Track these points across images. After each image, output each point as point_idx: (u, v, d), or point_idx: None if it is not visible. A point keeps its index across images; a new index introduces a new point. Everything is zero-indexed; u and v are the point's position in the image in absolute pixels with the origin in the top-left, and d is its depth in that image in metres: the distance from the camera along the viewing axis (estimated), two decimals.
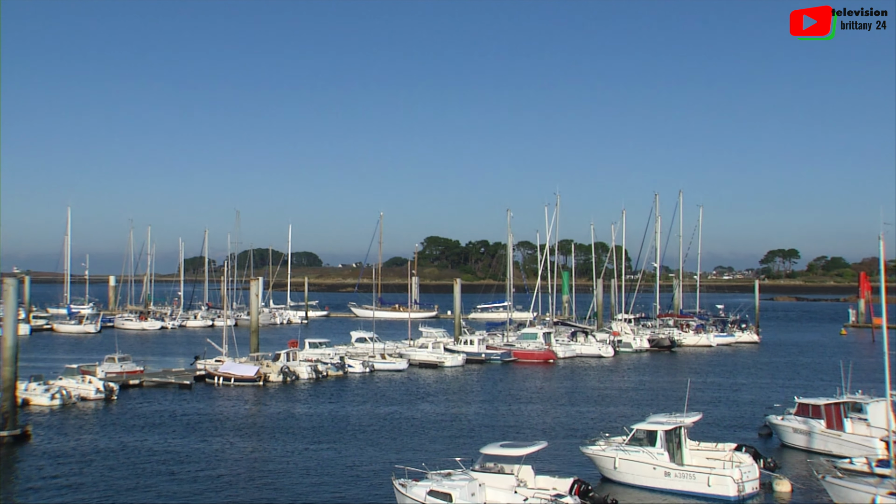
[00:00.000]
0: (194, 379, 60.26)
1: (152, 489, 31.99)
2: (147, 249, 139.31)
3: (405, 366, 70.96)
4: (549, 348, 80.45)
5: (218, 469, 35.22)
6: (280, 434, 42.72)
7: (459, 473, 28.02)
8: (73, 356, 73.65)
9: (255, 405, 52.37)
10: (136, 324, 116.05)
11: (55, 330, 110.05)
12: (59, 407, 49.16)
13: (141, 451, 38.28)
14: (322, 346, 73.66)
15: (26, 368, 51.28)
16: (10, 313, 43.29)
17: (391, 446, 39.77)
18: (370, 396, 56.02)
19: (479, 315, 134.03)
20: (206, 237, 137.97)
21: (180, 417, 47.19)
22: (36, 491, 31.87)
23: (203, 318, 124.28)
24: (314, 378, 62.89)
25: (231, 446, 39.95)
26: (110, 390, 52.60)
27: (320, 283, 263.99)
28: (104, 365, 59.48)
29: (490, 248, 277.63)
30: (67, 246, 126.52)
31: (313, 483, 32.98)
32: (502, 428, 44.66)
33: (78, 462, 36.22)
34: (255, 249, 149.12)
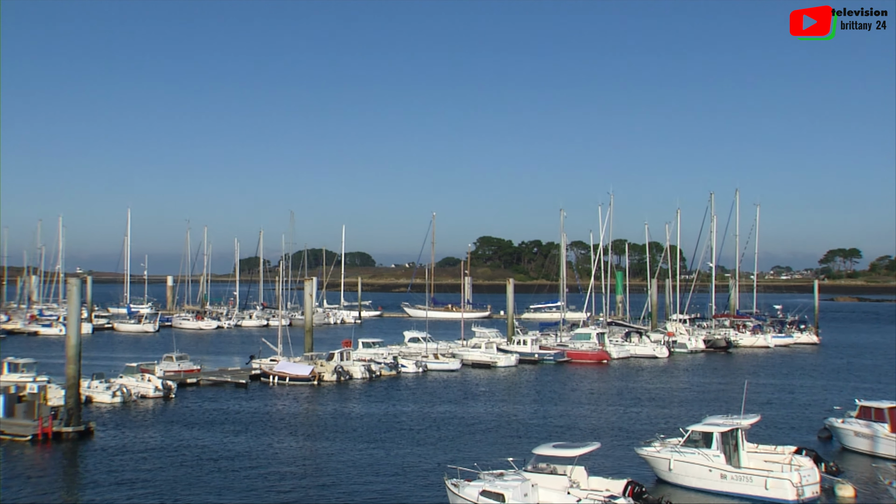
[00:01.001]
0: (250, 378, 61.04)
1: (208, 485, 32.50)
2: (203, 250, 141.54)
3: (458, 366, 71.01)
4: (603, 349, 79.82)
5: (272, 467, 35.64)
6: (333, 433, 43.07)
7: (512, 474, 27.95)
8: (132, 355, 75.13)
9: (309, 404, 52.88)
10: (192, 323, 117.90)
11: (116, 329, 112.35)
12: (119, 404, 50.18)
13: (198, 449, 38.90)
14: (375, 345, 74.04)
15: (89, 367, 52.38)
16: (74, 313, 44.37)
17: (443, 446, 39.84)
18: (423, 396, 56.18)
19: (532, 315, 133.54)
20: (261, 238, 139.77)
21: (236, 416, 47.85)
22: (99, 485, 32.61)
23: (258, 317, 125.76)
24: (367, 378, 63.27)
25: (285, 445, 40.40)
26: (169, 389, 53.55)
27: (373, 283, 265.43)
28: (163, 364, 60.52)
29: (543, 248, 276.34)
30: (127, 247, 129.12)
31: (366, 482, 33.17)
32: (555, 428, 44.44)
33: (138, 458, 36.96)
34: (309, 250, 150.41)
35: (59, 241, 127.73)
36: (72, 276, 48.59)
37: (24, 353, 70.38)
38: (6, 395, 42.64)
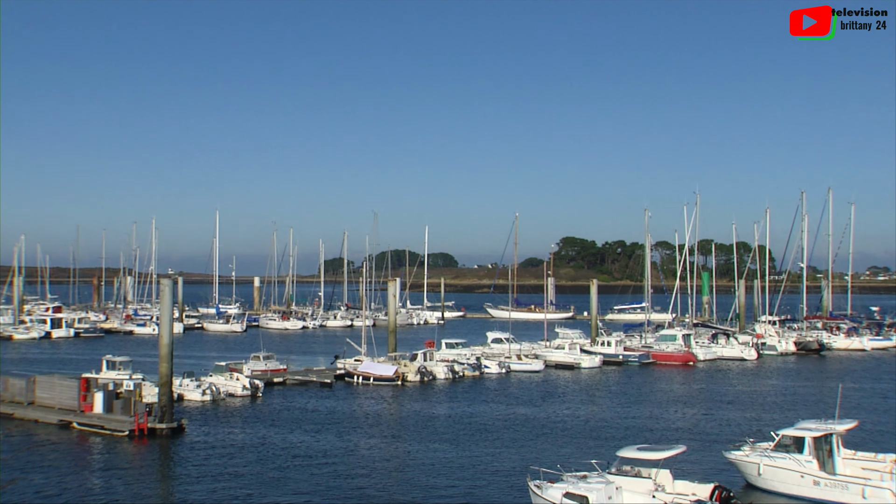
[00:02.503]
0: (334, 378, 61.88)
1: (293, 483, 33.08)
2: (289, 251, 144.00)
3: (541, 367, 70.66)
4: (689, 350, 78.37)
5: (355, 466, 36.06)
6: (417, 433, 43.34)
7: (595, 476, 27.67)
8: (221, 354, 77.00)
9: (393, 404, 53.33)
10: (279, 323, 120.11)
11: (205, 329, 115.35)
12: (209, 402, 51.48)
13: (283, 447, 39.65)
14: (458, 346, 74.21)
15: (180, 365, 53.89)
16: (166, 313, 45.75)
17: (526, 447, 39.68)
18: (506, 397, 56.08)
19: (616, 316, 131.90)
20: (345, 239, 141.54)
21: (321, 415, 48.58)
22: (190, 480, 33.55)
23: (342, 318, 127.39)
24: (451, 378, 63.47)
25: (369, 444, 40.84)
26: (256, 387, 54.69)
27: (456, 284, 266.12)
28: (250, 363, 61.80)
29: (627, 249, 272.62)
30: (216, 249, 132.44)
31: (449, 482, 33.28)
32: (639, 431, 43.82)
33: (226, 454, 37.87)
34: (393, 251, 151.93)
35: (153, 243, 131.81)
36: (164, 277, 50.05)
37: (121, 351, 72.80)
38: (105, 391, 44.33)
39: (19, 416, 45.16)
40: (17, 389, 46.91)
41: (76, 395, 44.19)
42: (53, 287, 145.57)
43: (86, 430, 42.49)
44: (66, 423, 43.42)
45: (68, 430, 42.76)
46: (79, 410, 43.87)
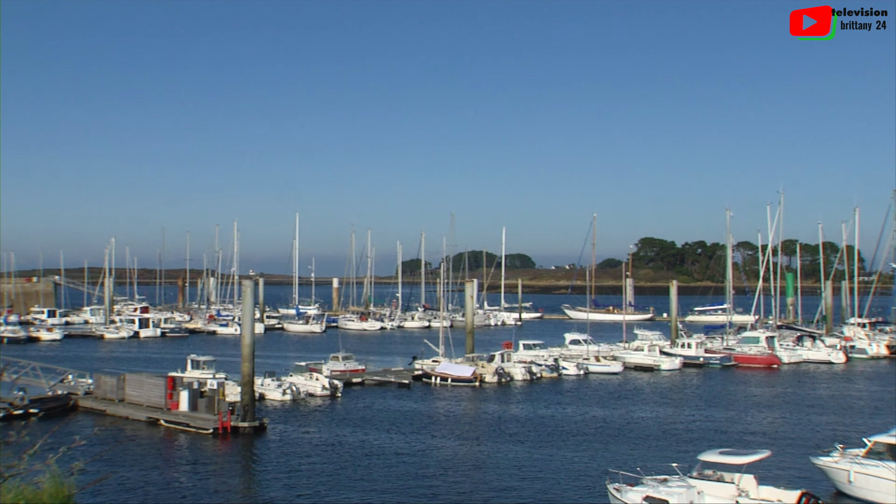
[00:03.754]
0: (412, 378, 62.23)
1: (371, 481, 33.40)
2: (367, 252, 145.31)
3: (620, 368, 69.85)
4: (773, 353, 76.43)
5: (433, 466, 36.21)
6: (494, 434, 43.29)
7: (676, 480, 27.21)
8: (301, 354, 78.14)
9: (470, 405, 53.39)
10: (357, 324, 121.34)
11: (285, 329, 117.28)
12: (289, 402, 52.30)
13: (362, 447, 40.04)
14: (536, 347, 73.89)
15: (261, 365, 54.89)
16: (248, 313, 46.71)
17: (605, 450, 39.26)
18: (584, 399, 55.60)
19: (697, 318, 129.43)
20: (422, 240, 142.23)
21: (399, 415, 48.91)
22: (272, 478, 34.18)
23: (420, 318, 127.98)
24: (528, 379, 63.23)
25: (447, 445, 40.96)
26: (335, 388, 55.37)
27: (533, 285, 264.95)
28: (329, 363, 62.60)
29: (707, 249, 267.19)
30: (296, 250, 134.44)
31: (527, 484, 33.15)
32: (721, 434, 42.93)
33: (307, 453, 38.45)
34: (470, 252, 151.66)
35: (235, 245, 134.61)
36: (245, 279, 51.19)
37: (205, 350, 74.54)
38: (190, 390, 45.50)
39: (111, 413, 46.69)
40: (108, 387, 48.52)
41: (163, 394, 45.48)
42: (141, 288, 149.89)
43: (172, 427, 43.67)
44: (153, 420, 44.72)
45: (156, 427, 44.01)
46: (166, 408, 45.13)
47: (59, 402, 47.46)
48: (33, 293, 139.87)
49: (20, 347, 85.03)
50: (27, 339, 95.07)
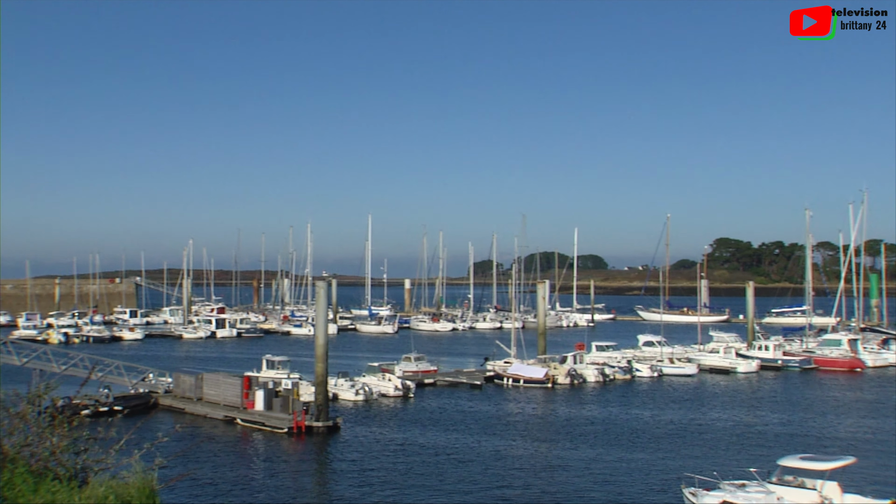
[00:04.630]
0: (484, 379, 62.21)
1: (443, 481, 33.49)
2: (439, 254, 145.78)
3: (695, 371, 68.69)
4: (856, 356, 74.18)
5: (505, 467, 36.12)
6: (567, 436, 43.01)
7: (754, 485, 26.62)
8: (373, 355, 78.78)
9: (543, 406, 53.14)
10: (429, 325, 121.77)
11: (358, 330, 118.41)
12: (362, 402, 52.80)
13: (434, 447, 40.18)
14: (609, 349, 73.17)
15: (334, 365, 55.53)
16: (321, 314, 47.32)
17: (680, 453, 38.64)
18: (658, 401, 54.81)
19: (775, 319, 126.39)
20: (493, 241, 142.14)
21: (471, 416, 48.93)
22: (345, 477, 34.56)
23: (492, 320, 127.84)
24: (601, 381, 62.64)
25: (519, 445, 40.83)
26: (407, 388, 55.68)
27: (606, 286, 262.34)
28: (401, 364, 62.95)
29: (785, 250, 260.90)
30: (368, 251, 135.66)
31: (599, 485, 32.83)
32: (801, 439, 41.85)
33: (380, 453, 38.76)
34: (541, 253, 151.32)
35: (308, 247, 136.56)
36: (319, 280, 51.81)
37: (279, 351, 75.73)
38: (265, 389, 46.28)
39: (189, 412, 47.80)
40: (187, 386, 49.69)
41: (239, 393, 46.35)
42: (217, 289, 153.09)
43: (248, 426, 44.49)
44: (230, 418, 45.63)
45: (232, 426, 44.90)
46: (242, 407, 45.99)
47: (141, 399, 48.83)
48: (116, 294, 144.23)
49: (104, 346, 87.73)
50: (111, 338, 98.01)
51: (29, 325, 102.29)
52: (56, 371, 47.35)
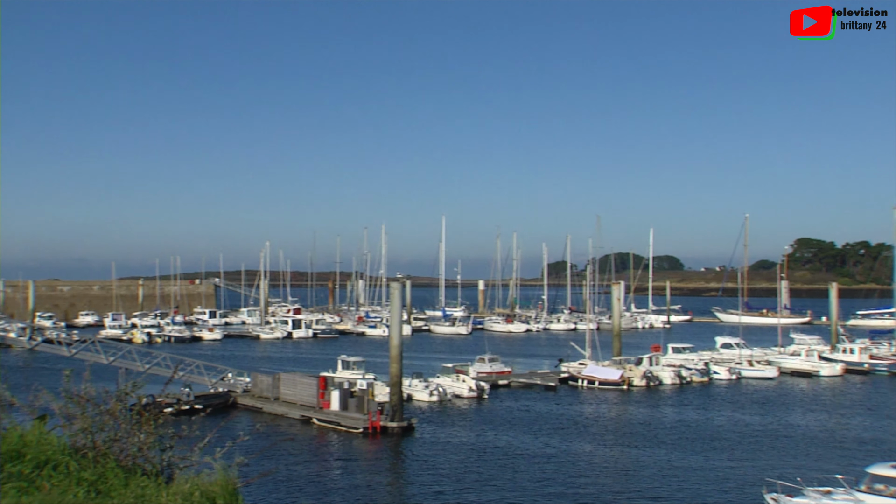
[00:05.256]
0: (559, 381, 61.82)
1: (516, 483, 33.37)
2: (513, 255, 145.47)
3: (775, 374, 67.06)
4: None
5: (579, 469, 35.82)
6: (643, 439, 42.43)
7: (841, 493, 25.85)
8: (447, 356, 78.94)
9: (618, 409, 52.54)
10: (502, 326, 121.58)
11: (432, 331, 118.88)
12: (436, 403, 52.96)
13: (508, 449, 40.08)
14: (686, 351, 72.02)
15: (409, 366, 55.82)
16: (396, 315, 47.66)
17: (760, 457, 37.74)
18: (736, 404, 53.67)
19: (860, 322, 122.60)
20: (567, 242, 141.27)
21: (545, 418, 48.66)
22: (420, 477, 34.74)
23: (566, 321, 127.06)
24: (678, 383, 61.65)
25: (593, 448, 40.44)
26: (481, 389, 55.64)
27: (682, 287, 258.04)
28: (475, 365, 62.94)
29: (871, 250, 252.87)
30: (442, 252, 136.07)
31: (676, 490, 32.29)
32: (890, 446, 40.41)
33: (454, 454, 38.82)
34: (616, 253, 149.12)
35: (382, 248, 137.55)
36: (393, 281, 52.17)
37: (354, 351, 76.51)
38: (341, 390, 46.80)
39: (267, 411, 48.63)
40: (264, 386, 50.56)
41: (315, 393, 46.96)
42: (293, 290, 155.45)
43: (324, 425, 45.04)
44: (306, 418, 46.27)
45: (309, 426, 45.51)
46: (318, 407, 46.59)
47: (220, 398, 49.88)
48: (196, 295, 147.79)
49: (185, 346, 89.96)
50: (191, 338, 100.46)
51: (115, 325, 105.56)
52: (140, 370, 48.74)
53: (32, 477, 5.86)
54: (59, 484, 5.78)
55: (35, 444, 6.47)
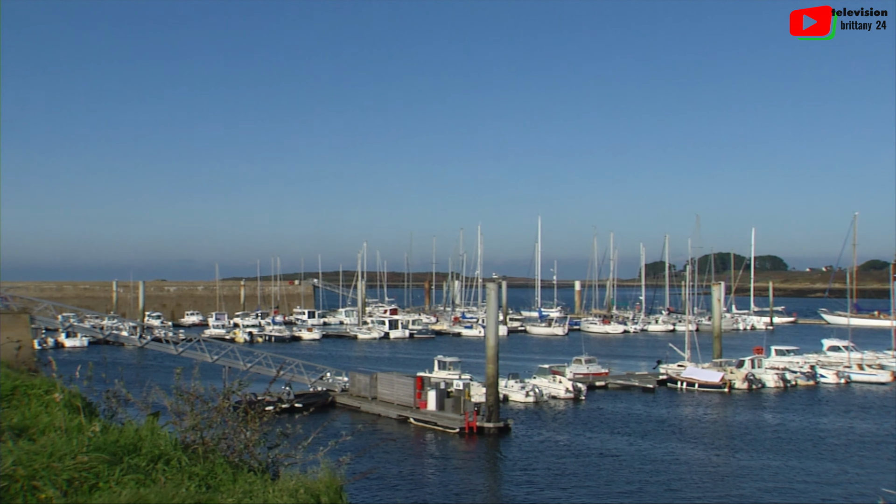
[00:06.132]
0: (657, 383, 60.84)
1: (613, 487, 32.95)
2: (609, 255, 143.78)
3: (888, 378, 64.27)
4: None
5: (679, 472, 35.13)
6: (745, 443, 41.35)
7: None
8: (543, 357, 78.57)
9: (719, 411, 51.34)
10: (599, 327, 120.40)
11: (528, 331, 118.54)
12: (532, 404, 52.77)
13: (606, 450, 39.63)
14: (790, 353, 69.85)
15: (505, 367, 55.73)
16: (492, 316, 47.67)
17: (873, 465, 36.32)
18: (845, 409, 51.74)
19: None
20: (666, 242, 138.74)
21: (644, 420, 47.94)
22: (517, 478, 34.67)
23: (664, 322, 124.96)
24: (782, 387, 59.83)
25: (694, 451, 39.61)
26: (578, 390, 55.20)
27: (785, 288, 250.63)
28: (572, 366, 62.49)
29: None
30: (538, 253, 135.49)
31: (783, 498, 31.34)
32: None
33: (550, 454, 38.63)
34: (716, 254, 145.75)
35: (478, 248, 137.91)
36: (489, 281, 52.21)
37: (450, 352, 76.89)
38: (437, 390, 47.11)
39: (365, 410, 49.34)
40: (362, 385, 51.30)
41: (412, 393, 47.39)
42: (390, 290, 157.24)
43: (421, 425, 45.41)
44: (403, 418, 46.75)
45: (406, 425, 45.96)
46: (415, 407, 47.00)
47: (319, 397, 50.82)
48: (295, 295, 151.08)
49: (285, 346, 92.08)
50: (290, 338, 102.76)
51: (218, 325, 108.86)
52: (242, 368, 50.07)
53: (148, 470, 6.14)
54: (173, 478, 6.03)
55: (149, 439, 6.77)
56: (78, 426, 7.24)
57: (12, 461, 5.74)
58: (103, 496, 5.57)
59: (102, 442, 6.51)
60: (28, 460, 5.80)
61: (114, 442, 6.57)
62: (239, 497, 5.75)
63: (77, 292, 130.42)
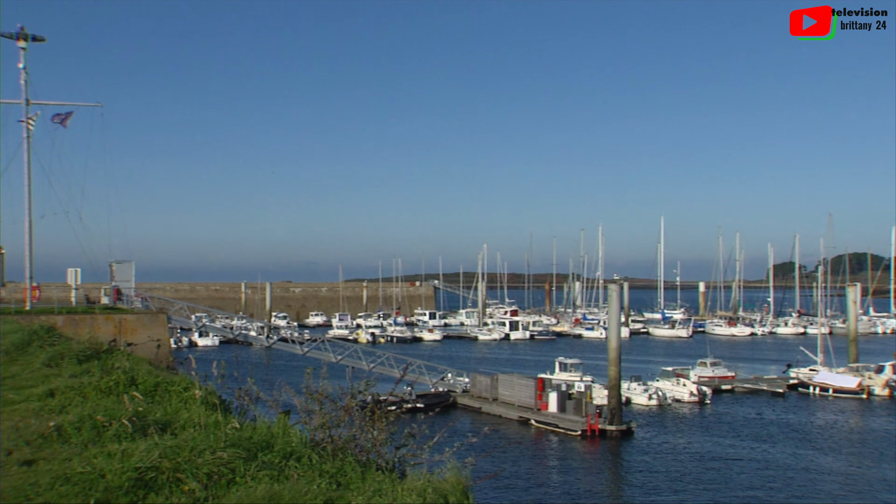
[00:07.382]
0: (787, 387, 58.70)
1: (738, 494, 31.93)
2: (735, 255, 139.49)
3: None
4: None
5: (806, 481, 33.78)
6: (886, 454, 39.38)
7: None
8: (666, 359, 76.97)
9: (856, 419, 49.10)
10: (725, 329, 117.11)
11: (650, 333, 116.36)
12: (655, 407, 51.77)
13: (732, 456, 38.52)
14: None
15: (627, 369, 54.87)
16: (614, 317, 47.08)
17: None
18: None
19: None
20: (796, 242, 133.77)
21: (773, 425, 46.33)
22: (640, 482, 34.11)
23: (794, 325, 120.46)
24: None
25: (826, 460, 38.02)
26: (703, 394, 53.83)
27: None
28: (697, 369, 61.03)
29: None
30: (661, 254, 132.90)
31: None
32: None
33: (673, 459, 37.82)
34: (851, 254, 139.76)
35: (599, 249, 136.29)
36: (610, 283, 51.54)
37: (571, 353, 76.30)
38: (559, 392, 46.85)
39: (486, 411, 49.50)
40: (483, 386, 51.48)
41: (533, 395, 47.27)
42: (510, 292, 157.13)
43: (542, 427, 45.22)
44: (524, 419, 46.66)
45: (527, 427, 45.86)
46: (536, 409, 46.84)
47: (440, 398, 51.26)
48: (416, 296, 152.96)
49: (406, 346, 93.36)
50: (412, 338, 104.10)
51: (341, 325, 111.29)
52: (365, 369, 51.02)
53: (281, 466, 6.36)
54: (304, 475, 6.23)
55: (281, 437, 7.01)
56: (215, 422, 7.58)
57: (158, 454, 6.06)
58: (240, 490, 5.81)
59: (238, 438, 6.79)
60: (172, 454, 6.12)
61: (248, 438, 6.84)
62: (369, 495, 5.89)
63: (209, 293, 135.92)
